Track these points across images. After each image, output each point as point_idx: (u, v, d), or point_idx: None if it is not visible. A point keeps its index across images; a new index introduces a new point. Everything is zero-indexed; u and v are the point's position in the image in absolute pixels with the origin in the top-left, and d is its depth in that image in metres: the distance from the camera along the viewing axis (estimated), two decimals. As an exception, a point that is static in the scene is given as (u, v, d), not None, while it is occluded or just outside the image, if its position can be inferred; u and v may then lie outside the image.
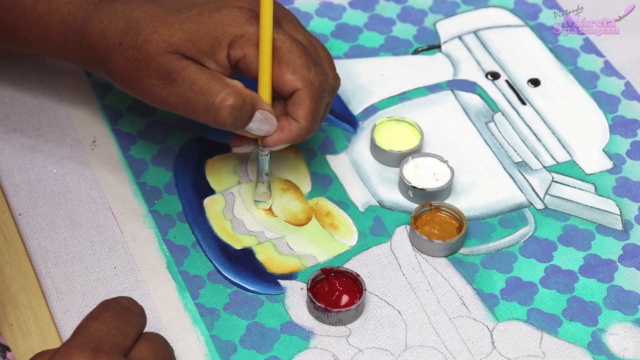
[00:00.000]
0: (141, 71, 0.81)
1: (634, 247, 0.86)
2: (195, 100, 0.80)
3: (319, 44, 0.85)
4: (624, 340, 0.80)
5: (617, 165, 0.92)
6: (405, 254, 0.85)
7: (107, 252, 0.84)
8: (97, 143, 0.91)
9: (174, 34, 0.80)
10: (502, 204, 0.89)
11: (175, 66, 0.80)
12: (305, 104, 0.82)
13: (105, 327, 0.68)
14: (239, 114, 0.80)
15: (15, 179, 0.88)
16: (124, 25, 0.81)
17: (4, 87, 0.94)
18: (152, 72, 0.80)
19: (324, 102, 0.83)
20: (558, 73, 0.98)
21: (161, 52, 0.80)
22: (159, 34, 0.80)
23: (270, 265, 0.84)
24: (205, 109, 0.80)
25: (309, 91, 0.81)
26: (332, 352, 0.79)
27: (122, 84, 0.83)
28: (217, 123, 0.80)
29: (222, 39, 0.81)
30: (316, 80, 0.82)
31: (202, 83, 0.79)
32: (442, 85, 0.97)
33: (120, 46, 0.81)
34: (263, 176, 0.86)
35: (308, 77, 0.81)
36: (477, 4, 1.04)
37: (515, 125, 0.94)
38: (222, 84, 0.80)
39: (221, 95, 0.79)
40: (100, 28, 0.82)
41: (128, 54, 0.81)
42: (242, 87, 0.80)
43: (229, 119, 0.80)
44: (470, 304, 0.82)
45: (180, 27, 0.81)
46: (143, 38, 0.80)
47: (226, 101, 0.79)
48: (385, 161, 0.91)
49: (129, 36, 0.81)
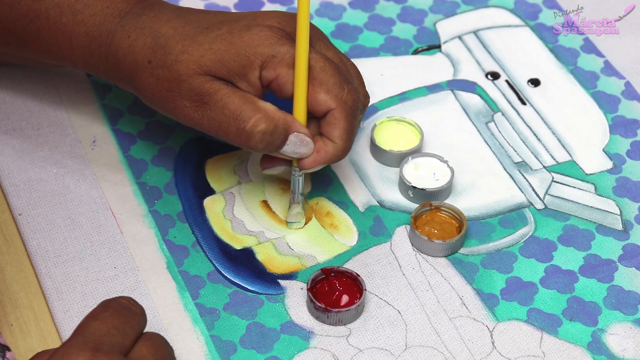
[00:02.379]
0: (172, 92, 0.80)
1: (634, 247, 0.86)
2: (227, 124, 0.79)
3: (348, 62, 0.85)
4: (624, 340, 0.80)
5: (617, 165, 0.92)
6: (405, 254, 0.85)
7: (107, 252, 0.84)
8: (97, 143, 0.91)
9: (203, 54, 0.79)
10: (502, 204, 0.89)
11: (207, 89, 0.79)
12: (340, 124, 0.81)
13: (105, 327, 0.68)
14: (270, 138, 0.79)
15: (15, 179, 0.88)
16: (152, 42, 0.80)
17: (4, 87, 0.94)
18: (184, 93, 0.79)
19: (358, 120, 0.83)
20: (558, 73, 0.98)
21: (192, 74, 0.79)
22: (189, 54, 0.79)
23: (270, 265, 0.84)
24: (237, 134, 0.79)
25: (343, 110, 0.81)
26: (332, 352, 0.79)
27: (151, 102, 0.82)
28: (249, 147, 0.80)
29: (254, 60, 0.79)
30: (349, 99, 0.81)
31: (233, 107, 0.79)
32: (442, 85, 0.97)
33: (149, 64, 0.80)
34: (298, 196, 0.85)
35: (341, 97, 0.81)
36: (477, 4, 1.04)
37: (515, 125, 0.94)
38: (253, 109, 0.79)
39: (252, 120, 0.78)
40: (127, 43, 0.81)
41: (157, 72, 0.80)
42: (275, 111, 0.79)
43: (260, 144, 0.79)
44: (470, 304, 0.82)
45: (210, 47, 0.79)
46: (173, 58, 0.79)
47: (258, 127, 0.78)
48: (385, 161, 0.91)
49: (158, 54, 0.80)
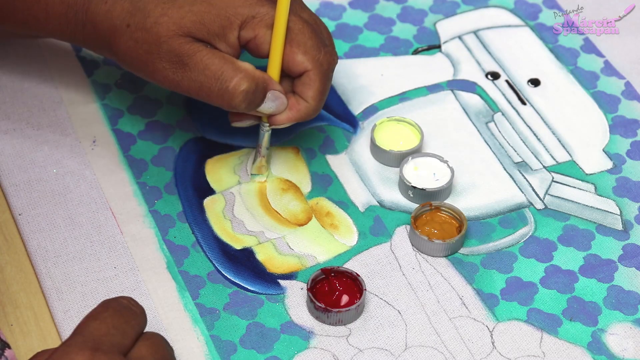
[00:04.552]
0: (152, 54, 0.81)
1: (634, 247, 0.86)
2: (209, 85, 0.80)
3: (321, 23, 0.87)
4: (624, 340, 0.80)
5: (617, 165, 0.91)
6: (405, 254, 0.85)
7: (107, 252, 0.84)
8: (97, 143, 0.91)
9: (184, 16, 0.80)
10: (502, 204, 0.89)
11: (186, 50, 0.80)
12: (315, 85, 0.83)
13: (105, 327, 0.68)
14: (252, 97, 0.81)
15: (15, 179, 0.88)
16: (129, 6, 0.81)
17: (4, 87, 0.94)
18: (163, 55, 0.80)
19: (330, 82, 0.85)
20: (558, 73, 0.98)
21: (172, 35, 0.80)
22: (168, 16, 0.80)
23: (270, 265, 0.84)
24: (219, 94, 0.80)
25: (318, 72, 0.83)
26: (332, 352, 0.79)
27: (130, 66, 0.83)
28: (231, 107, 0.81)
29: (234, 20, 0.81)
30: (325, 62, 0.83)
31: (214, 68, 0.80)
32: (442, 85, 0.97)
33: (127, 28, 0.81)
34: (264, 150, 0.87)
35: (318, 59, 0.83)
36: (477, 4, 1.04)
37: (515, 125, 0.94)
38: (234, 68, 0.80)
39: (235, 80, 0.80)
40: (104, 9, 0.82)
41: (137, 35, 0.81)
42: (254, 70, 0.81)
43: (243, 104, 0.81)
44: (470, 304, 0.82)
45: (190, 9, 0.81)
46: (152, 20, 0.80)
47: (240, 86, 0.80)
48: (385, 161, 0.91)
49: (136, 18, 0.81)
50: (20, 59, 0.96)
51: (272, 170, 0.89)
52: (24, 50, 0.97)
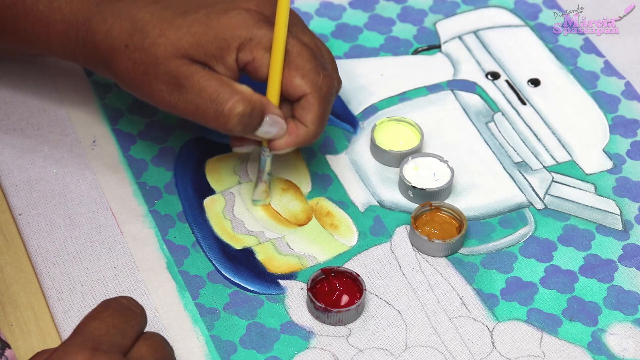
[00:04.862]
0: (149, 75, 0.80)
1: (634, 247, 0.86)
2: (204, 107, 0.79)
3: (323, 47, 0.85)
4: (624, 340, 0.80)
5: (617, 165, 0.91)
6: (405, 254, 0.85)
7: (107, 252, 0.84)
8: (97, 143, 0.91)
9: (181, 37, 0.80)
10: (502, 204, 0.89)
11: (183, 72, 0.79)
12: (313, 109, 0.82)
13: (105, 327, 0.68)
14: (248, 120, 0.80)
15: (15, 179, 0.88)
16: (129, 27, 0.81)
17: (4, 87, 0.94)
18: (160, 76, 0.80)
19: (331, 106, 0.83)
20: (558, 73, 0.98)
21: (169, 57, 0.80)
22: (166, 37, 0.80)
23: (270, 265, 0.84)
24: (215, 117, 0.80)
25: (317, 96, 0.82)
26: (332, 352, 0.79)
27: (128, 86, 0.82)
28: (227, 130, 0.80)
29: (231, 42, 0.80)
30: (324, 85, 0.82)
31: (211, 90, 0.79)
32: (442, 85, 0.97)
33: (126, 48, 0.81)
34: (265, 176, 0.86)
35: (317, 82, 0.82)
36: (477, 4, 1.04)
37: (515, 125, 0.94)
38: (231, 91, 0.79)
39: (230, 102, 0.79)
40: (104, 28, 0.82)
41: (135, 56, 0.80)
42: (251, 93, 0.80)
43: (238, 127, 0.80)
44: (470, 304, 0.82)
45: (188, 31, 0.80)
46: (150, 41, 0.80)
47: (235, 109, 0.79)
48: (385, 161, 0.91)
49: (135, 38, 0.80)
50: (20, 59, 0.96)
51: (272, 170, 0.89)
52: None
